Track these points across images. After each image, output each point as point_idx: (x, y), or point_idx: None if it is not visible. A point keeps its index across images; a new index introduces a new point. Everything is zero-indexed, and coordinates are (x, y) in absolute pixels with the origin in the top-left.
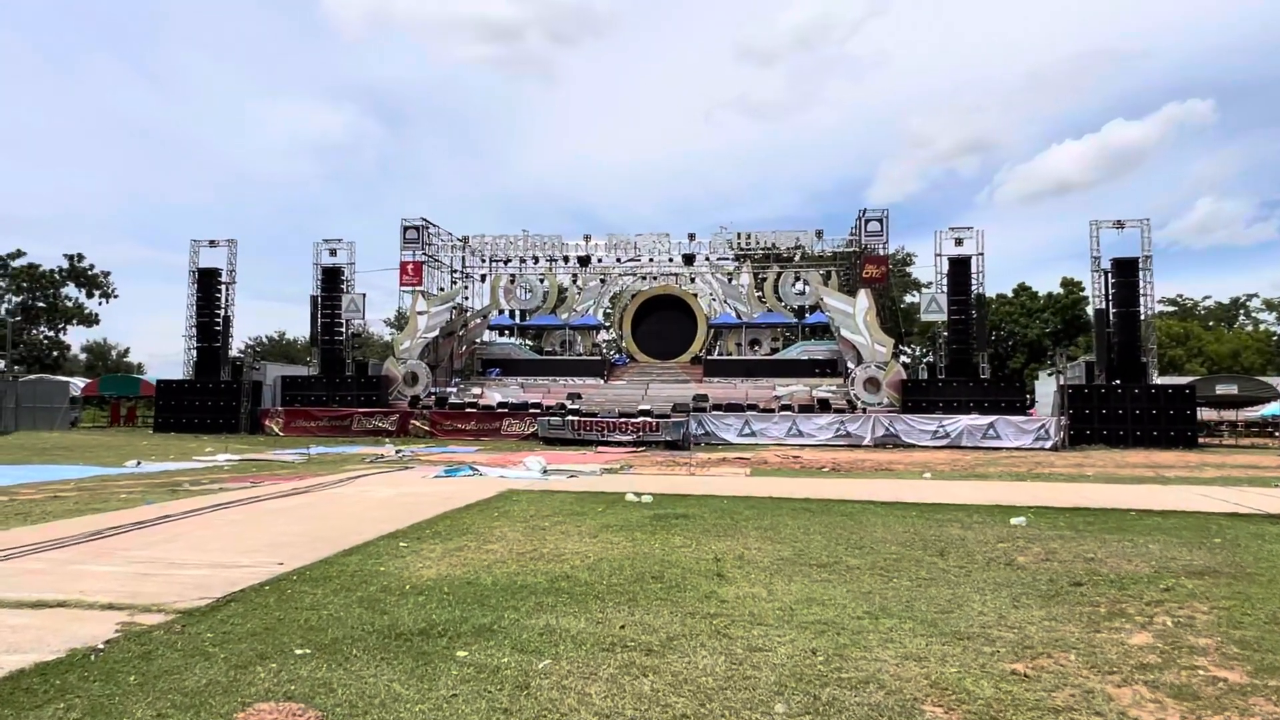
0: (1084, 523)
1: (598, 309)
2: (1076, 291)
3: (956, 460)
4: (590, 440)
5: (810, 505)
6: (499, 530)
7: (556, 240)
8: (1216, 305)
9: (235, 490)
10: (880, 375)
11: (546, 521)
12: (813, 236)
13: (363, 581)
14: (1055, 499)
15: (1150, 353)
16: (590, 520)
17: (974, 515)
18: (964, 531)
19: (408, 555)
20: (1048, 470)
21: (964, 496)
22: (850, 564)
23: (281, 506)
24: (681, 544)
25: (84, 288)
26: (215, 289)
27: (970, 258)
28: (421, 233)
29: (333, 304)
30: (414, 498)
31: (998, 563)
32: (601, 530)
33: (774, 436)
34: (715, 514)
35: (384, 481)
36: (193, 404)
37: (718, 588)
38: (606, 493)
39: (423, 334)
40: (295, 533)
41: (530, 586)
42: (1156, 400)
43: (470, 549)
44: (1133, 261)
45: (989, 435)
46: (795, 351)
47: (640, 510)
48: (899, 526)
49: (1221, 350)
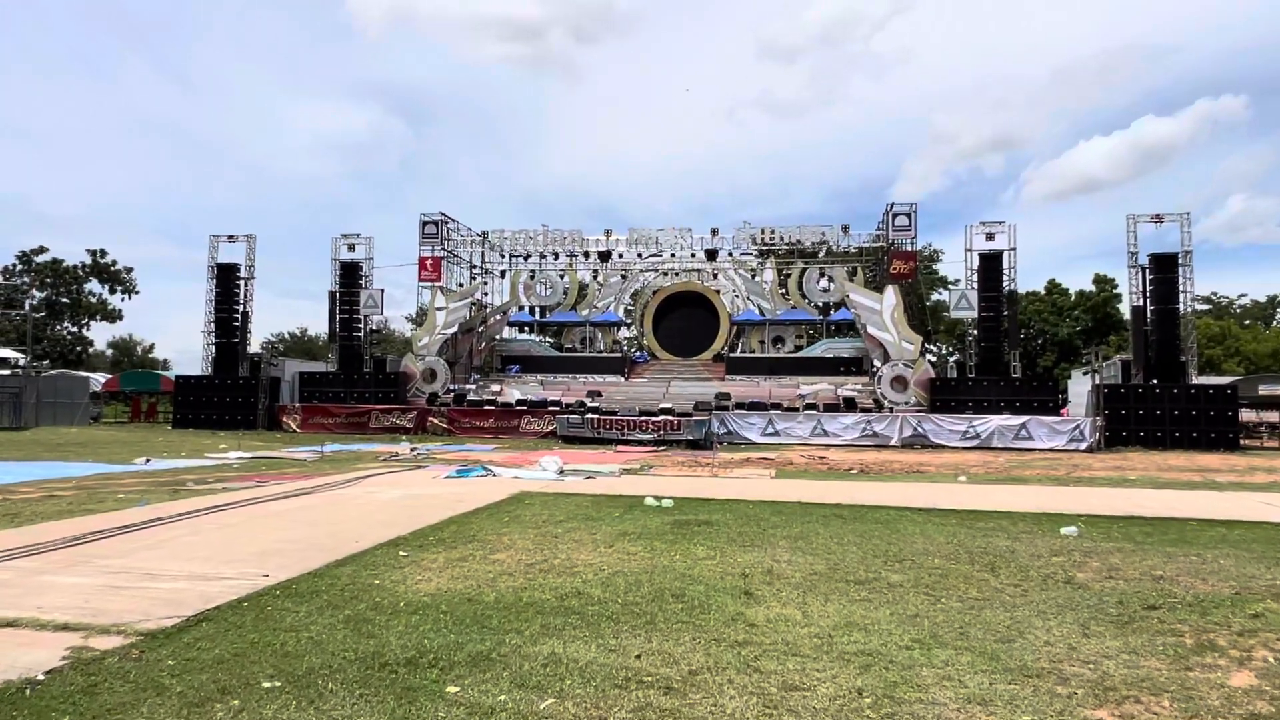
0: (1141, 533)
1: (618, 305)
2: (1109, 289)
3: (989, 462)
4: (610, 439)
5: (842, 511)
6: (508, 537)
7: (577, 235)
8: (1253, 303)
9: (239, 490)
10: (908, 373)
11: (559, 528)
12: (838, 232)
13: (353, 597)
14: (1104, 506)
15: (1190, 351)
16: (606, 527)
17: (1019, 524)
18: (1012, 542)
19: (407, 566)
20: (1087, 474)
21: (1005, 502)
22: (891, 580)
23: (281, 509)
24: (705, 555)
25: (107, 283)
26: (234, 284)
27: (1002, 253)
28: (440, 228)
29: (351, 300)
30: (422, 500)
31: (1056, 580)
32: (618, 538)
33: (798, 436)
34: (740, 521)
35: (393, 482)
36: (211, 400)
37: (745, 608)
38: (624, 496)
39: (441, 330)
40: (289, 539)
41: (537, 604)
42: (1196, 401)
43: (475, 559)
44: (1172, 257)
45: (1021, 436)
46: (820, 349)
47: (660, 516)
48: (940, 536)
49: (1260, 349)
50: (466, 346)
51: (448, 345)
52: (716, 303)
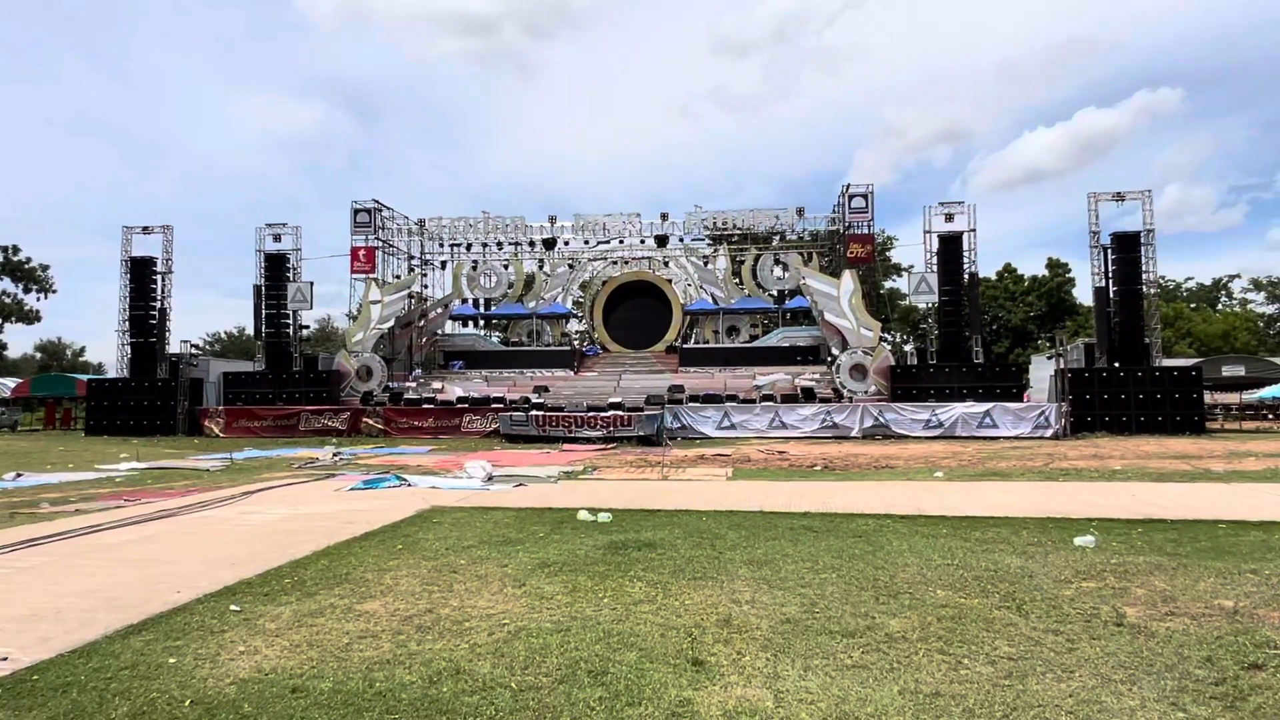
0: (1168, 542)
1: (566, 297)
2: (1062, 273)
3: (958, 453)
4: (556, 437)
5: (812, 523)
6: (392, 575)
7: (519, 222)
8: (1199, 286)
9: (95, 512)
10: (867, 361)
11: (464, 557)
12: (793, 216)
13: (119, 694)
14: (1110, 506)
15: (1154, 333)
16: (524, 554)
17: (1022, 533)
18: (1023, 560)
19: (232, 629)
20: (1067, 464)
21: (997, 505)
22: (890, 629)
23: (116, 540)
24: (642, 597)
25: (20, 282)
26: (150, 279)
27: (962, 235)
28: (374, 216)
29: (278, 294)
30: (304, 522)
31: (1102, 621)
32: (534, 572)
33: (755, 429)
34: (690, 539)
35: (284, 497)
36: (127, 404)
37: (694, 690)
38: (555, 510)
39: (376, 325)
40: (85, 590)
41: (391, 696)
42: (1161, 384)
43: (334, 612)
44: (1134, 236)
45: (985, 424)
46: (776, 338)
47: (593, 535)
48: (934, 554)
49: (1211, 331)
50: (405, 342)
51: (384, 341)
52: (669, 292)
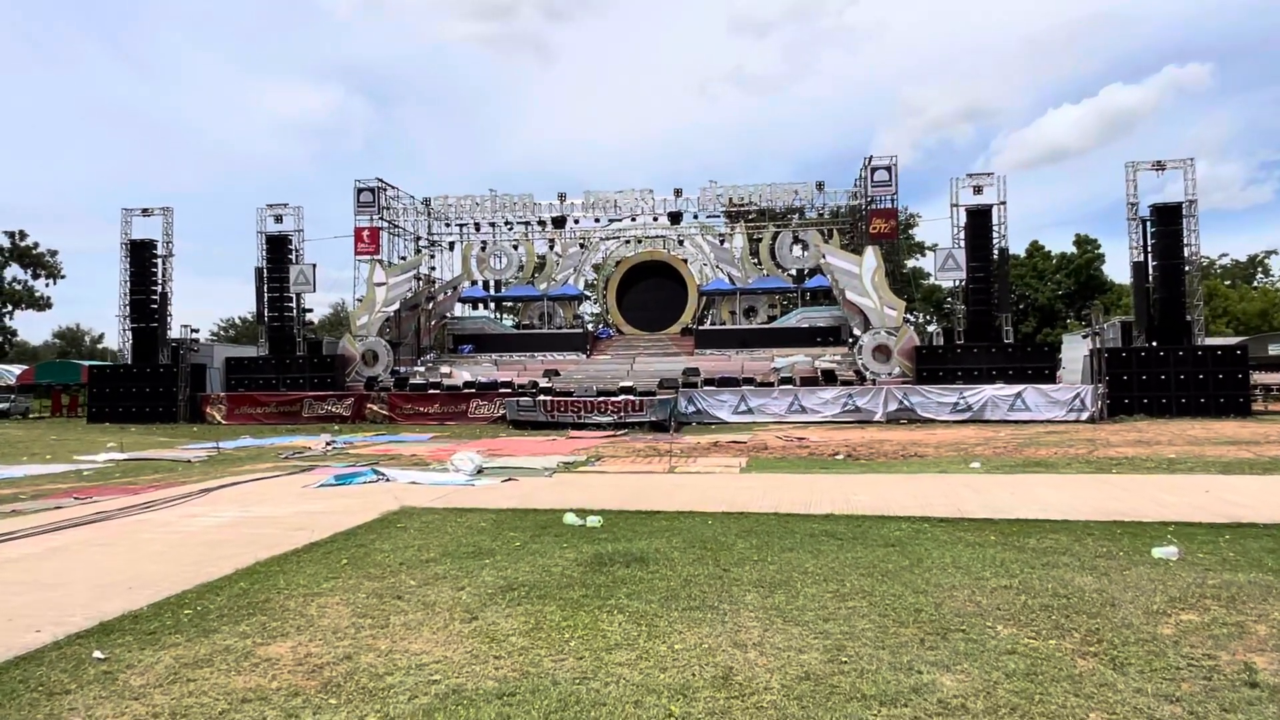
0: (1266, 553)
1: (579, 278)
2: (1092, 250)
3: (990, 439)
4: (564, 423)
5: (836, 527)
6: (320, 602)
7: (528, 200)
8: (1234, 263)
9: (32, 514)
10: (891, 342)
11: (417, 576)
12: (812, 190)
13: None
14: (1182, 506)
15: (1196, 310)
16: (489, 572)
17: (1086, 540)
18: (1096, 580)
19: (77, 690)
20: (1113, 452)
21: (1050, 503)
22: (943, 694)
23: (14, 555)
24: (620, 639)
25: (29, 268)
26: (150, 263)
27: (991, 208)
28: (378, 195)
29: (280, 276)
30: (249, 528)
31: (1226, 677)
32: (495, 599)
33: (773, 413)
34: (691, 551)
35: (244, 496)
36: (129, 391)
37: None
38: (540, 511)
39: (382, 308)
40: None
41: None
42: (1204, 363)
43: (226, 661)
44: (1176, 208)
45: (1016, 407)
46: (794, 319)
47: (577, 546)
48: (986, 570)
49: (1250, 309)
50: (412, 325)
51: (390, 324)
52: (684, 272)
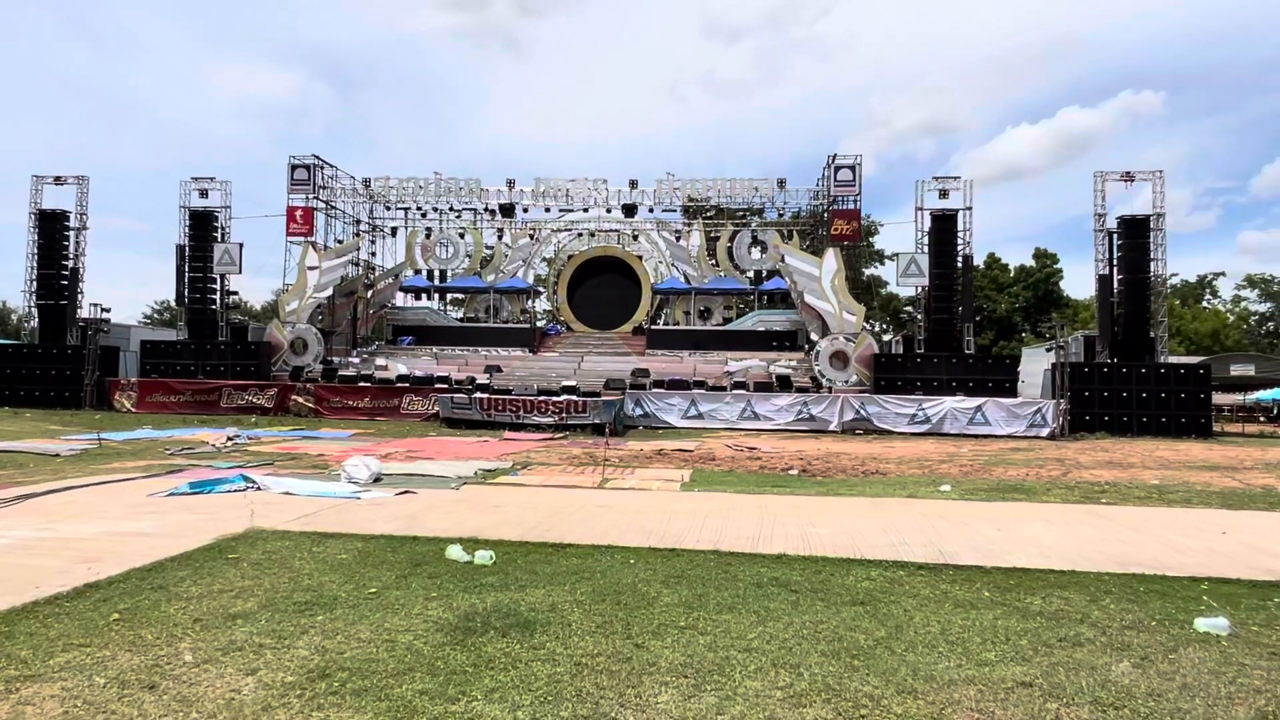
0: None
1: (529, 271)
2: (1050, 264)
3: (954, 455)
4: (501, 423)
5: (790, 573)
6: (16, 701)
7: (474, 185)
8: (1184, 283)
9: None
10: (849, 348)
11: (200, 648)
12: (773, 187)
13: None
14: (1203, 552)
15: (1160, 326)
16: (306, 643)
17: (1104, 601)
18: (1133, 667)
19: None
20: (1087, 475)
21: (1046, 544)
22: None
23: None
24: None
25: None
26: (61, 235)
27: (957, 213)
28: (313, 173)
29: (203, 256)
30: (23, 555)
31: None
32: (288, 696)
33: (725, 419)
34: (598, 609)
35: (62, 506)
36: (31, 373)
37: None
38: (421, 540)
39: (314, 293)
40: None
41: None
42: (1167, 381)
43: None
44: (1144, 221)
45: (976, 420)
46: (750, 322)
47: (450, 597)
48: (987, 650)
49: (1202, 329)
50: (347, 314)
51: (323, 311)
52: (638, 269)
